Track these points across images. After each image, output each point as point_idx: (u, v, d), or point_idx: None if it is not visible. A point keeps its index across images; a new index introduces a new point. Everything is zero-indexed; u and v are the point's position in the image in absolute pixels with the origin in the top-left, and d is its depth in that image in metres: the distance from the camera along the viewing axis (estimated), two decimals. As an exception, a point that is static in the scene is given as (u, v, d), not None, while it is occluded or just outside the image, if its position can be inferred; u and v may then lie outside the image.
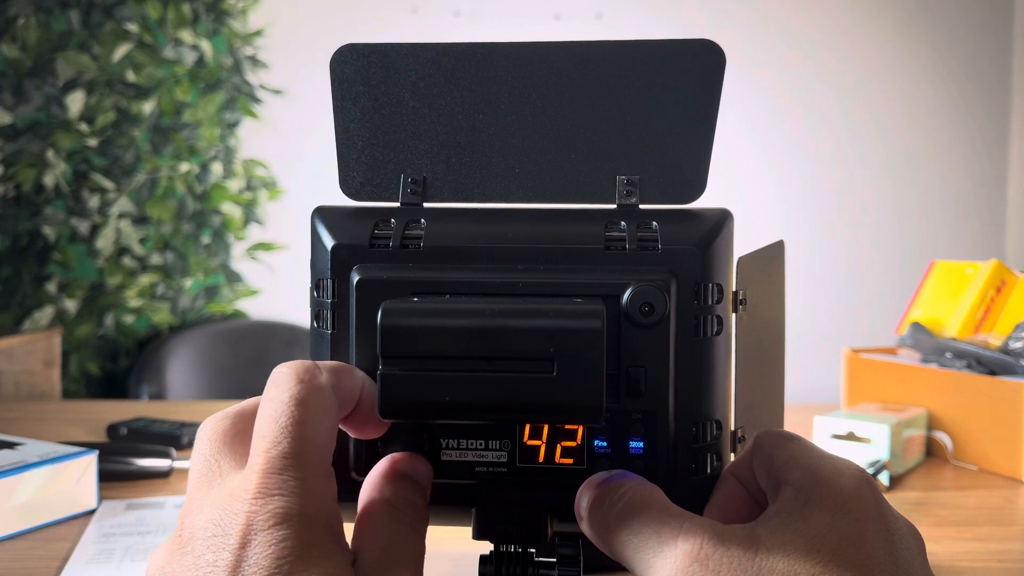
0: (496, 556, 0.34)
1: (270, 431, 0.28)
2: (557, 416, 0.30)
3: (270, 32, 2.36)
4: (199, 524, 0.28)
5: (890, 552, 0.27)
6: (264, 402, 0.29)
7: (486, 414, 0.30)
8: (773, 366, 0.40)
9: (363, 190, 0.37)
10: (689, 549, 0.28)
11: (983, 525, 0.72)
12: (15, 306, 2.07)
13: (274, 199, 2.40)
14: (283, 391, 0.29)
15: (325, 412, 0.29)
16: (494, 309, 0.29)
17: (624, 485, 0.31)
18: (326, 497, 0.29)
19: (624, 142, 0.35)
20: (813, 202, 2.60)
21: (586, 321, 0.29)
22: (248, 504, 0.27)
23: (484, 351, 0.29)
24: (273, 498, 0.27)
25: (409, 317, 0.30)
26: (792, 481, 0.30)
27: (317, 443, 0.29)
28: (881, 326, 1.84)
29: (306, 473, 0.28)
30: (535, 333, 0.29)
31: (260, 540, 0.27)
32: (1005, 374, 0.88)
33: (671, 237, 0.33)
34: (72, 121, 2.05)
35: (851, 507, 0.28)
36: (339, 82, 0.37)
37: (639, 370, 0.32)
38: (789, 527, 0.28)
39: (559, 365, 0.29)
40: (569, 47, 0.36)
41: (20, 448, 0.72)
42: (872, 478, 0.30)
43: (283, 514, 0.27)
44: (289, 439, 0.28)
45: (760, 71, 2.53)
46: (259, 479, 0.28)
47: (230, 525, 0.27)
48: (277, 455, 0.28)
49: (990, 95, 2.66)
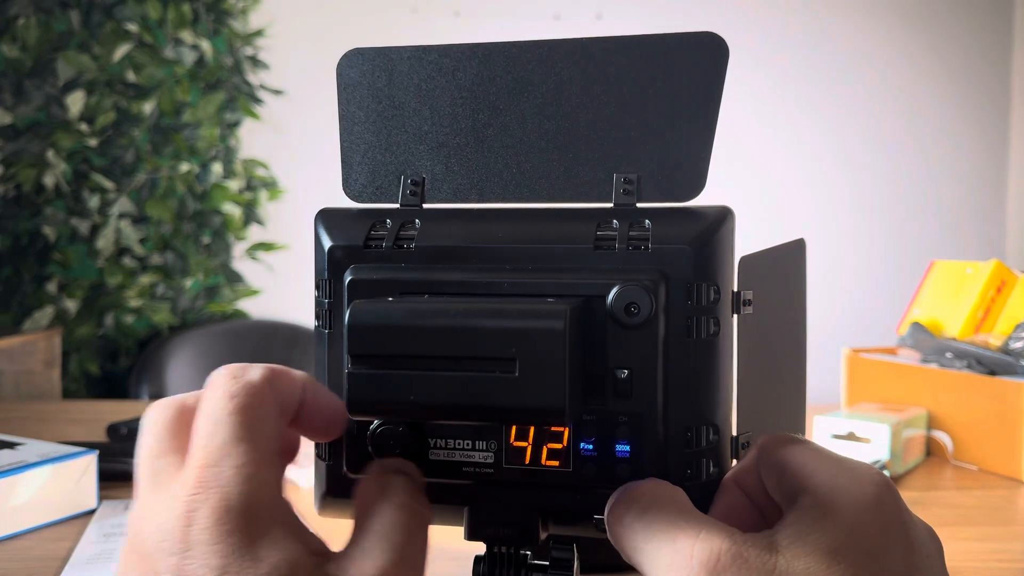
0: (489, 557, 0.34)
1: (204, 427, 0.29)
2: (519, 417, 0.29)
3: (270, 32, 2.36)
4: (147, 530, 0.28)
5: (911, 562, 0.27)
6: (200, 404, 0.30)
7: (450, 414, 0.30)
8: (791, 371, 0.39)
9: (365, 192, 0.37)
10: (705, 559, 0.27)
11: (983, 525, 0.72)
12: (15, 306, 2.07)
13: (274, 199, 2.40)
14: (216, 389, 0.29)
15: (260, 404, 0.29)
16: (459, 309, 0.29)
17: (643, 487, 0.30)
18: (270, 484, 0.28)
19: (623, 140, 0.35)
20: (813, 202, 2.60)
21: (548, 322, 0.28)
22: (187, 502, 0.27)
23: (449, 351, 0.29)
24: (212, 491, 0.27)
25: (377, 317, 0.30)
26: (810, 488, 0.29)
27: (253, 431, 0.29)
28: (881, 326, 1.84)
29: (244, 460, 0.28)
30: (497, 333, 0.28)
31: (204, 539, 0.26)
32: (1005, 374, 0.88)
33: (663, 236, 0.32)
34: (72, 121, 2.05)
35: (873, 516, 0.27)
36: (344, 86, 0.37)
37: (625, 372, 0.31)
38: (809, 537, 0.27)
39: (521, 366, 0.28)
40: (569, 44, 0.35)
41: (20, 448, 0.72)
42: (891, 482, 0.29)
43: (223, 507, 0.27)
44: (223, 430, 0.28)
45: (760, 71, 2.53)
46: (196, 474, 0.28)
47: (173, 527, 0.27)
48: (213, 448, 0.28)
49: (990, 95, 2.66)
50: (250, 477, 0.28)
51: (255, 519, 0.27)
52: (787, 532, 0.27)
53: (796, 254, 0.39)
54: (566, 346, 0.28)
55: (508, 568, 0.34)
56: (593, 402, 0.32)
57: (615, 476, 0.32)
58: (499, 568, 0.34)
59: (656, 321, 0.31)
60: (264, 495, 0.28)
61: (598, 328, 0.31)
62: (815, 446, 0.31)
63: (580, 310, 0.31)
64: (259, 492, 0.28)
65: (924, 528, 0.29)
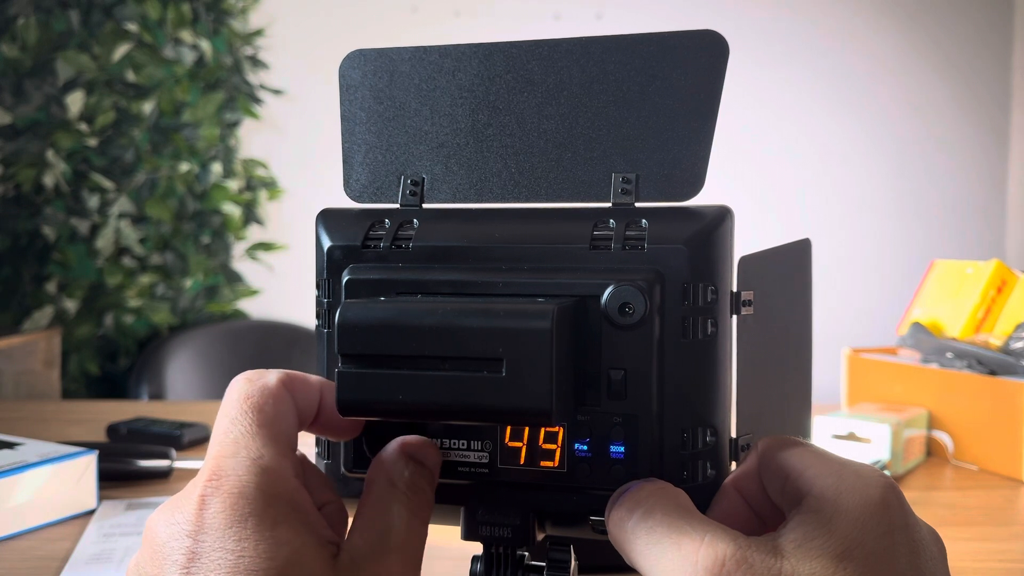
0: (486, 558, 0.34)
1: (221, 424, 0.30)
2: (506, 418, 0.29)
3: (270, 32, 2.36)
4: (161, 521, 0.28)
5: (916, 565, 0.27)
6: (220, 408, 0.31)
7: (439, 414, 0.30)
8: (795, 372, 0.38)
9: (365, 192, 0.37)
10: (710, 564, 0.26)
11: (983, 525, 0.72)
12: (15, 306, 2.07)
13: (274, 199, 2.40)
14: (233, 392, 0.31)
15: (275, 404, 0.30)
16: (448, 309, 0.29)
17: (644, 488, 0.30)
18: (286, 477, 0.29)
19: (622, 139, 0.35)
20: (813, 201, 2.60)
21: (535, 322, 0.28)
22: (202, 488, 0.28)
23: (438, 351, 0.29)
24: (227, 479, 0.28)
25: (366, 316, 0.30)
26: (814, 491, 0.28)
27: (269, 428, 0.30)
28: (881, 326, 1.84)
29: (259, 454, 0.29)
30: (484, 333, 0.28)
31: (217, 522, 0.27)
32: (1006, 374, 0.88)
33: (660, 235, 0.32)
34: (72, 121, 2.05)
35: (878, 519, 0.27)
36: (346, 87, 0.38)
37: (620, 372, 0.31)
38: (814, 541, 0.27)
39: (508, 366, 0.28)
40: (568, 44, 0.35)
41: (20, 448, 0.72)
42: (896, 485, 0.29)
43: (238, 493, 0.27)
44: (239, 427, 0.29)
45: (760, 71, 2.53)
46: (212, 464, 0.28)
47: (187, 512, 0.27)
48: (229, 442, 0.29)
49: (991, 95, 2.65)
50: (265, 469, 0.28)
51: (271, 507, 0.27)
52: (791, 536, 0.27)
53: (800, 254, 0.38)
54: (552, 347, 0.28)
55: (505, 569, 0.34)
56: (588, 403, 0.32)
57: (610, 477, 0.32)
58: (496, 568, 0.34)
59: (651, 321, 0.31)
60: (280, 487, 0.28)
61: (592, 328, 0.31)
62: (817, 448, 0.31)
63: (570, 310, 0.30)
64: (275, 484, 0.28)
65: (928, 531, 0.29)
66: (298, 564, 0.27)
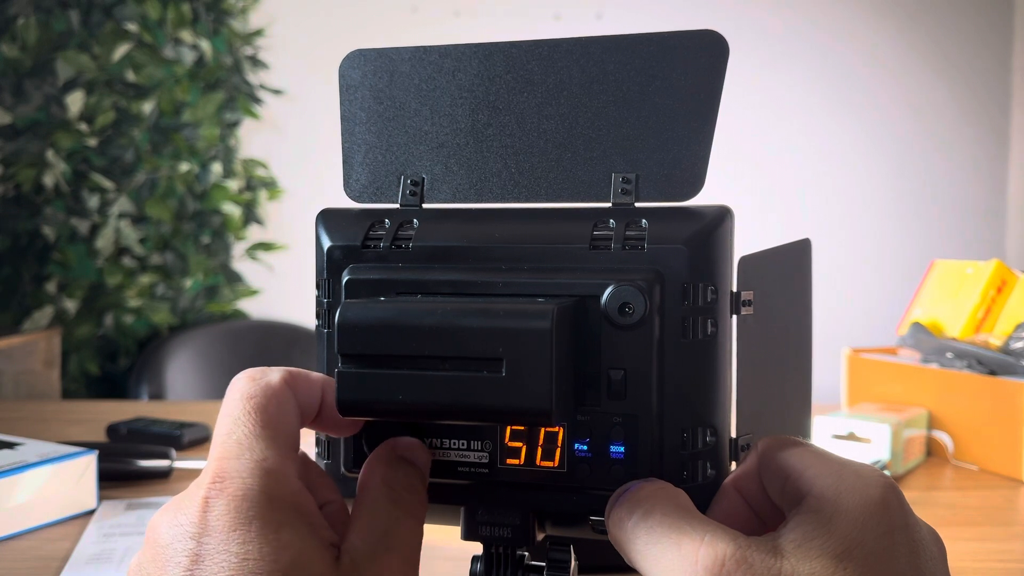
0: (486, 557, 0.34)
1: (223, 425, 0.30)
2: (506, 418, 0.29)
3: (270, 32, 2.36)
4: (163, 523, 0.28)
5: (916, 565, 0.27)
6: (221, 407, 0.31)
7: (438, 414, 0.30)
8: (795, 372, 0.38)
9: (365, 192, 0.37)
10: (710, 564, 0.26)
11: (983, 525, 0.72)
12: (15, 306, 2.07)
13: (274, 199, 2.40)
14: (235, 391, 0.30)
15: (278, 403, 0.30)
16: (448, 309, 0.29)
17: (645, 488, 0.30)
18: (289, 479, 0.29)
19: (622, 139, 0.35)
20: (813, 201, 2.60)
21: (535, 322, 0.28)
22: (206, 490, 0.28)
23: (437, 351, 0.29)
24: (231, 481, 0.28)
25: (366, 316, 0.30)
26: (814, 491, 0.28)
27: (272, 429, 0.29)
28: (881, 326, 1.84)
29: (263, 456, 0.28)
30: (484, 333, 0.28)
31: (222, 524, 0.27)
32: (1006, 374, 0.88)
33: (659, 235, 0.32)
34: (72, 121, 2.05)
35: (878, 519, 0.27)
36: (346, 87, 0.38)
37: (619, 372, 0.31)
38: (814, 541, 0.27)
39: (508, 366, 0.28)
40: (568, 44, 0.35)
41: (20, 448, 0.72)
42: (896, 485, 0.29)
43: (242, 495, 0.27)
44: (242, 428, 0.29)
45: (761, 71, 2.53)
46: (215, 466, 0.28)
47: (191, 514, 0.27)
48: (232, 443, 0.29)
49: (991, 95, 2.65)
50: (269, 472, 0.28)
51: (274, 510, 0.27)
52: (791, 536, 0.27)
53: (801, 254, 0.38)
54: (552, 347, 0.28)
55: (505, 568, 0.34)
56: (588, 403, 0.32)
57: (610, 477, 0.32)
58: (496, 568, 0.34)
59: (651, 321, 0.31)
60: (283, 489, 0.28)
61: (592, 328, 0.31)
62: (817, 448, 0.31)
63: (570, 310, 0.30)
64: (278, 486, 0.28)
65: (928, 531, 0.29)
66: (302, 567, 0.27)
